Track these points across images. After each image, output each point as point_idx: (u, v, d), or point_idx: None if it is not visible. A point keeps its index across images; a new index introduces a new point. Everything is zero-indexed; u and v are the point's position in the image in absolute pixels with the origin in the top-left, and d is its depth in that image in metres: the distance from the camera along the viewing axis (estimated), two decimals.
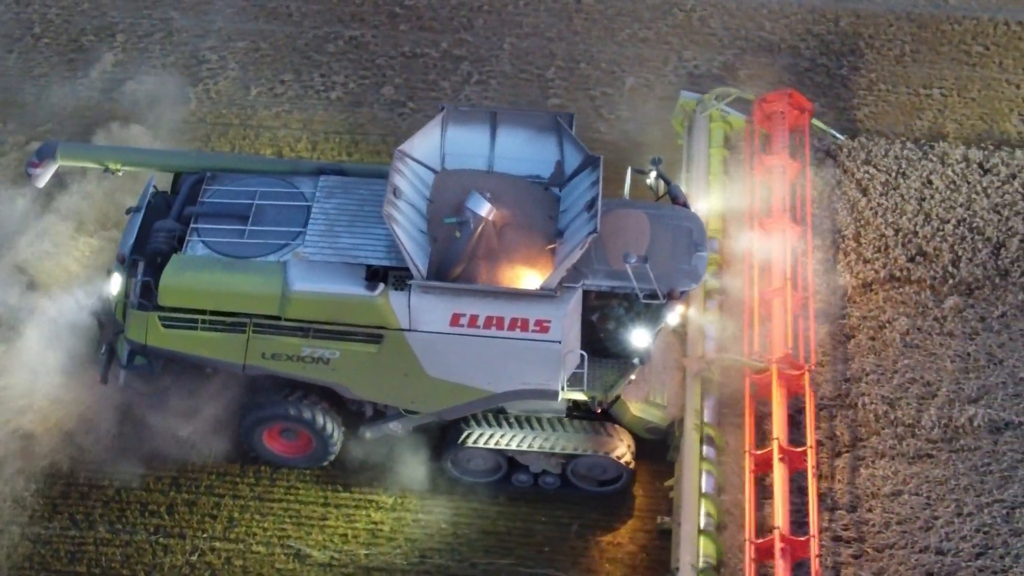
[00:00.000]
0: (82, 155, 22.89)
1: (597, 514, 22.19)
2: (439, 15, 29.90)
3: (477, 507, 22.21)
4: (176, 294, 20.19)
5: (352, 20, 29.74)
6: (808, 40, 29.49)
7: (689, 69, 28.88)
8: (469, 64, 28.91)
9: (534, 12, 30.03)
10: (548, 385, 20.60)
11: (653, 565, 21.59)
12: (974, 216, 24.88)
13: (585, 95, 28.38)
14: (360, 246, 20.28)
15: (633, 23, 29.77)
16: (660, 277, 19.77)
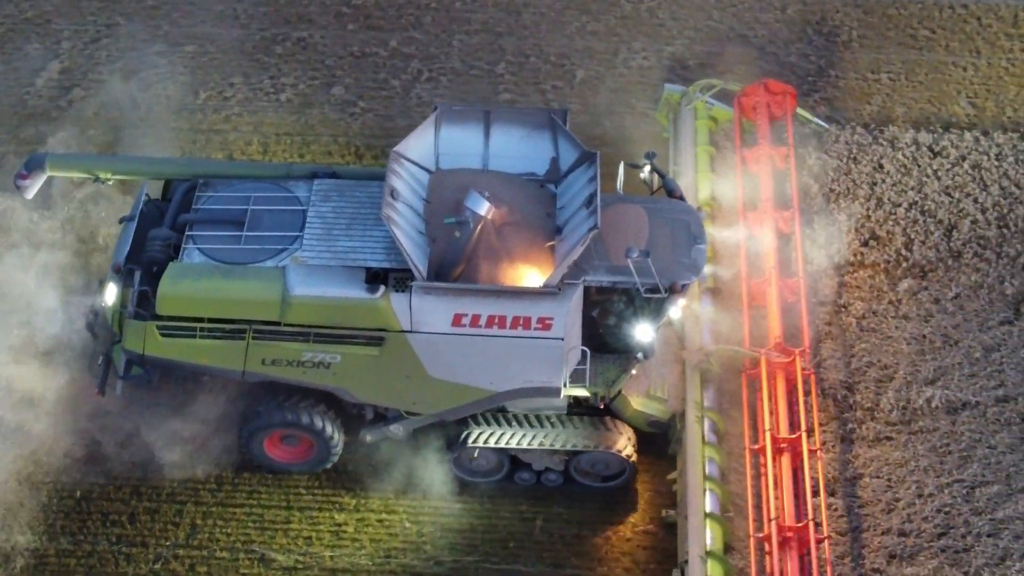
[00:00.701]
0: (71, 165, 22.62)
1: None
2: (387, 14, 29.81)
3: (439, 505, 22.19)
4: (174, 302, 19.98)
5: (300, 21, 29.61)
6: (756, 28, 29.57)
7: (639, 60, 28.90)
8: (419, 62, 28.83)
9: (482, 8, 29.98)
10: (551, 382, 20.54)
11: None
12: (925, 199, 25.04)
13: (536, 89, 28.36)
14: (358, 249, 20.11)
15: (581, 16, 29.77)
16: (661, 271, 19.64)
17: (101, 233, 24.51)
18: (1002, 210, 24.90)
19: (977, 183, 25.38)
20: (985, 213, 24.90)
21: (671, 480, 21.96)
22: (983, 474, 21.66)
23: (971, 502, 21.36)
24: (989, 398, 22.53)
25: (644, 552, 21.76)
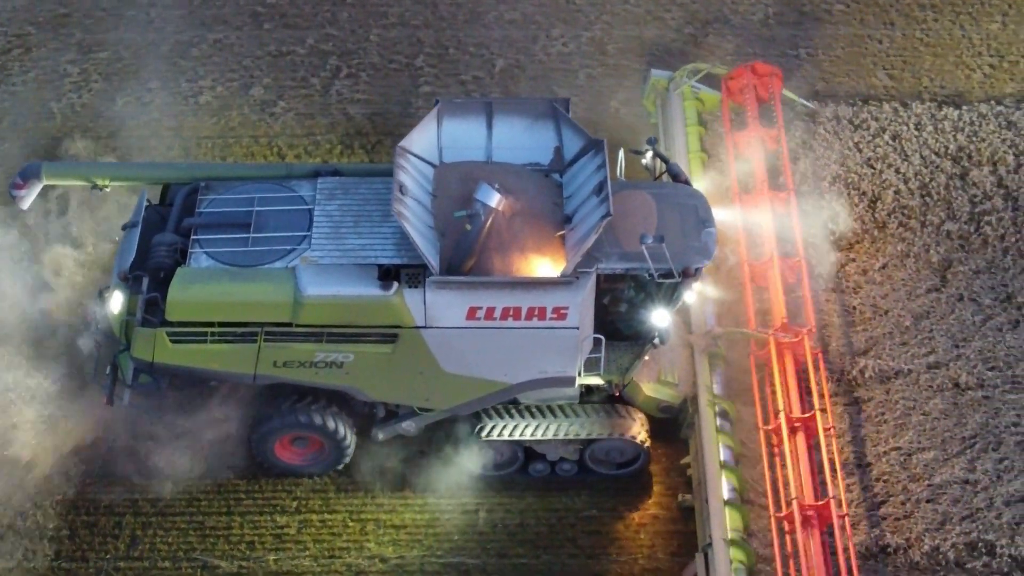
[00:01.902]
0: (68, 173, 22.15)
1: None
2: (303, 11, 29.59)
3: (383, 502, 22.10)
4: (184, 308, 19.72)
5: (214, 23, 29.33)
6: (673, 11, 29.65)
7: (558, 47, 28.89)
8: (337, 58, 28.65)
9: (398, 2, 29.83)
10: (565, 372, 20.51)
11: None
12: (849, 172, 25.24)
13: (456, 81, 28.28)
14: (368, 246, 19.91)
15: (499, 5, 29.72)
16: (673, 255, 19.52)
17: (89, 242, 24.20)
18: (924, 179, 25.13)
19: (898, 154, 25.61)
20: (907, 183, 25.14)
21: (685, 464, 22.06)
22: (919, 440, 21.88)
23: (908, 469, 21.58)
24: (920, 365, 22.76)
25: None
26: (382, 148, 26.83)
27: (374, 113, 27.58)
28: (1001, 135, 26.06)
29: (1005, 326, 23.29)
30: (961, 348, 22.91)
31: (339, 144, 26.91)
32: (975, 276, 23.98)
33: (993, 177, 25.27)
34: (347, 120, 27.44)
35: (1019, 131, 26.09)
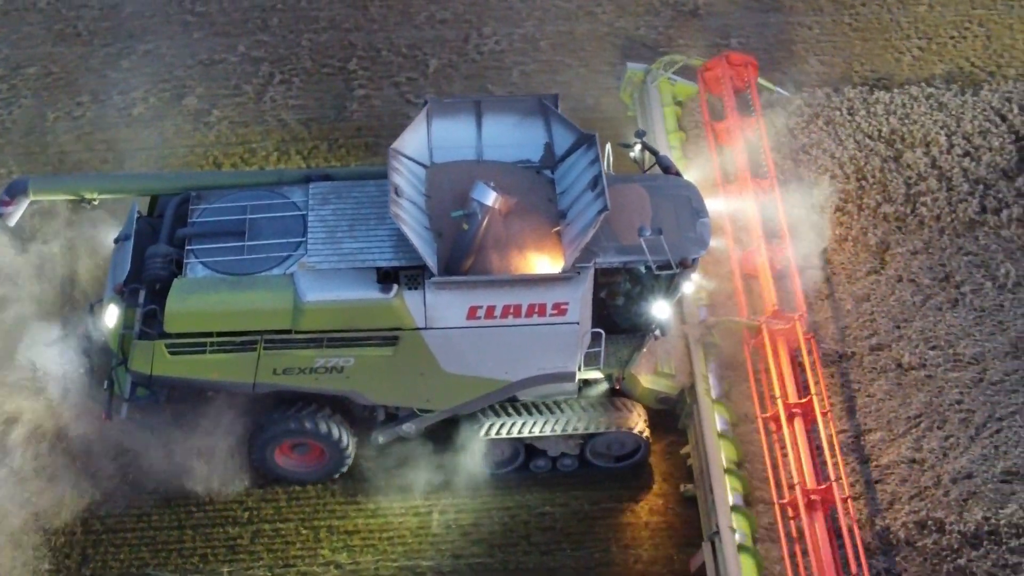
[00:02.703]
0: (56, 188, 21.83)
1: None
2: (233, 19, 29.44)
3: (335, 508, 22.02)
4: (183, 319, 19.56)
5: (144, 33, 29.10)
6: (604, 5, 29.77)
7: (491, 45, 28.93)
8: (269, 65, 28.53)
9: (328, 5, 29.76)
10: (566, 367, 20.60)
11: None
12: (784, 159, 25.38)
13: (390, 83, 28.25)
14: (365, 249, 19.82)
15: (430, 5, 29.70)
16: (670, 247, 19.60)
17: None
18: (859, 163, 25.32)
19: (833, 139, 25.79)
20: (843, 168, 25.30)
21: (685, 454, 22.17)
22: (865, 422, 22.06)
23: (857, 451, 21.74)
24: (864, 348, 22.93)
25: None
26: (318, 153, 26.77)
27: (309, 118, 27.49)
28: (932, 116, 26.30)
29: (944, 305, 23.51)
30: (902, 329, 23.10)
31: (275, 151, 26.80)
32: (913, 257, 24.19)
33: (927, 158, 25.50)
34: (282, 127, 27.33)
35: (950, 112, 26.35)
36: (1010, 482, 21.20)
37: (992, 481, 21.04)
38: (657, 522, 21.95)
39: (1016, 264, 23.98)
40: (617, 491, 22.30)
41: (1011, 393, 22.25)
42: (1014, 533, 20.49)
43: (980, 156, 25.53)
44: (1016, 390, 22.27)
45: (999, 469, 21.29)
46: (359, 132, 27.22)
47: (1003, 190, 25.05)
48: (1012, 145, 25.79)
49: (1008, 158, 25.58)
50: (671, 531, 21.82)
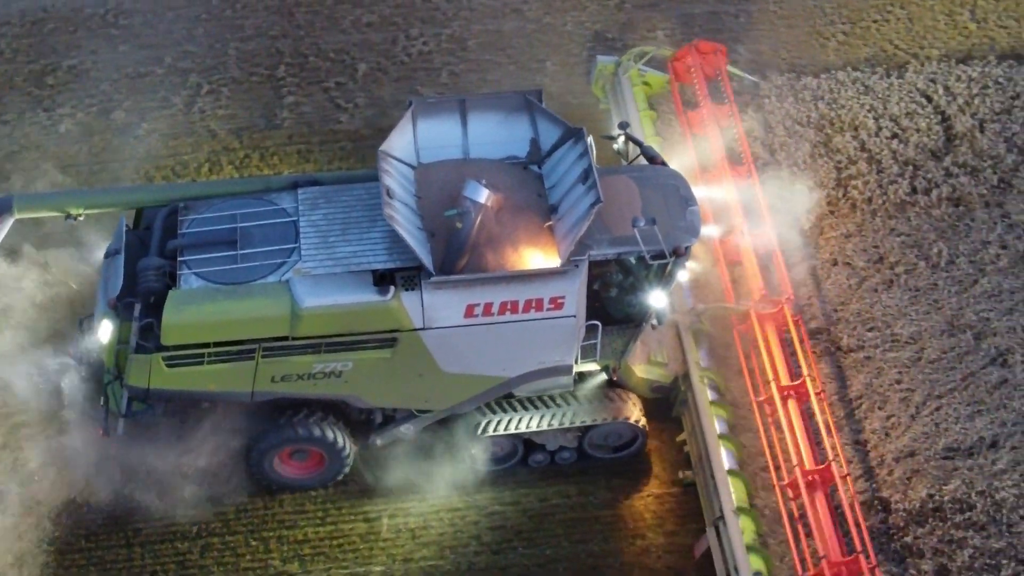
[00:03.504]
0: (40, 205, 21.55)
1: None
2: (157, 30, 29.22)
3: (284, 518, 21.96)
4: (181, 331, 19.38)
5: (68, 48, 28.83)
6: (530, 2, 29.83)
7: (419, 47, 28.90)
8: (197, 75, 28.34)
9: (254, 13, 29.60)
10: (563, 361, 20.66)
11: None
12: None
13: (319, 88, 28.15)
14: (360, 253, 19.72)
15: (355, 9, 29.63)
16: (662, 236, 19.68)
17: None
18: (790, 149, 25.52)
19: (763, 125, 25.98)
20: (774, 154, 25.50)
21: (681, 442, 22.34)
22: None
23: None
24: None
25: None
26: (250, 163, 26.64)
27: (240, 128, 27.35)
28: (860, 100, 26.57)
29: (880, 287, 23.76)
30: (840, 312, 23.32)
31: (206, 162, 26.64)
32: (846, 240, 24.42)
33: (855, 142, 25.75)
34: (212, 137, 27.17)
35: (877, 95, 26.63)
36: (952, 458, 21.48)
37: (935, 458, 21.31)
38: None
39: (948, 243, 24.28)
40: (579, 486, 22.50)
41: (949, 370, 22.53)
42: (958, 508, 20.76)
43: (908, 138, 25.82)
44: (953, 367, 22.55)
45: (940, 446, 21.57)
46: (290, 140, 27.13)
47: (932, 170, 25.35)
48: (939, 125, 26.11)
49: (935, 138, 25.89)
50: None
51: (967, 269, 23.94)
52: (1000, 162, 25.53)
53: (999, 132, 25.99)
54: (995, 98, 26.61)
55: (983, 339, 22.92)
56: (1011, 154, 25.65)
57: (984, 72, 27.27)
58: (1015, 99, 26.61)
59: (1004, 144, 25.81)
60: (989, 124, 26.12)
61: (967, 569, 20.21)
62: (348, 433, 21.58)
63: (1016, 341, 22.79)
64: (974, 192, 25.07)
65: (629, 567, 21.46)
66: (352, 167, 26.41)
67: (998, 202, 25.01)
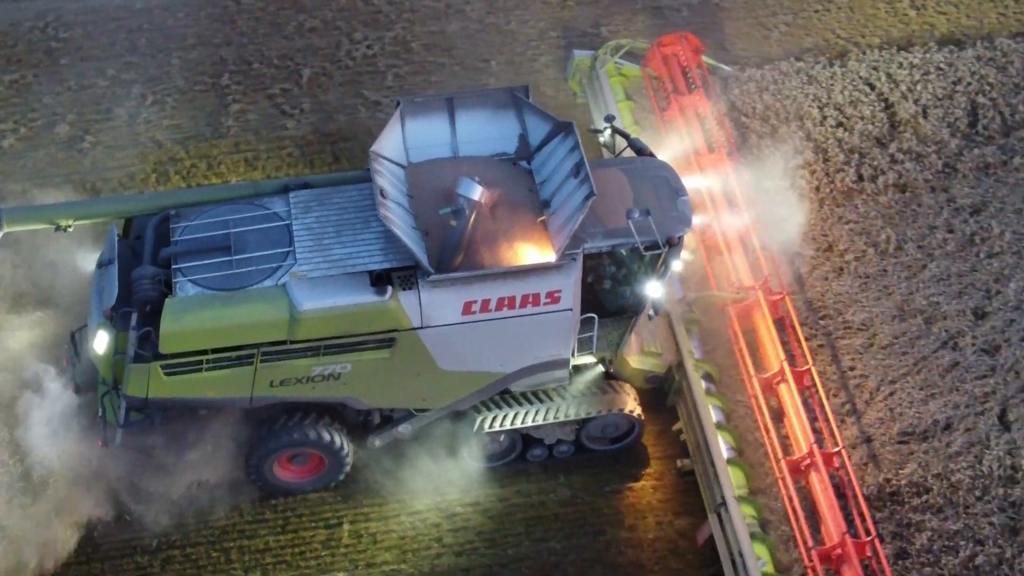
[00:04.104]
0: (29, 218, 21.24)
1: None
2: (99, 42, 29.00)
3: (244, 528, 21.85)
4: (179, 339, 19.27)
5: (8, 63, 28.56)
6: (473, 2, 29.84)
7: (363, 50, 28.84)
8: (141, 86, 28.15)
9: (195, 22, 29.45)
10: (560, 355, 20.71)
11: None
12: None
13: (264, 95, 28.03)
14: (355, 254, 19.67)
15: (298, 14, 29.51)
16: (655, 227, 19.74)
17: None
18: (736, 141, 25.63)
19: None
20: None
21: (677, 431, 22.46)
22: None
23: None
24: None
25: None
26: (197, 172, 26.49)
27: (186, 137, 27.19)
28: (804, 90, 26.76)
29: (830, 275, 23.95)
30: (792, 300, 23.45)
31: (153, 173, 26.46)
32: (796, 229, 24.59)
33: (801, 132, 25.94)
34: (158, 148, 26.99)
35: (820, 84, 26.82)
36: (907, 443, 21.70)
37: (890, 443, 21.53)
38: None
39: (896, 229, 24.50)
40: (538, 484, 22.54)
41: (901, 356, 22.75)
42: (915, 492, 20.98)
43: (853, 126, 26.04)
44: (906, 352, 22.77)
45: (895, 431, 21.78)
46: (237, 147, 27.00)
47: (877, 157, 25.57)
48: (882, 113, 26.35)
49: (880, 126, 26.12)
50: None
51: (915, 254, 24.17)
52: (944, 147, 25.79)
53: (942, 117, 26.27)
54: (937, 84, 26.87)
55: (934, 323, 23.15)
56: (955, 139, 25.95)
57: (925, 58, 27.54)
58: (956, 84, 26.89)
59: (947, 129, 26.10)
60: (932, 110, 26.39)
61: (926, 552, 20.43)
62: (346, 434, 21.58)
63: (966, 324, 23.05)
64: (919, 178, 25.32)
65: (590, 563, 21.51)
66: (300, 173, 26.32)
67: (943, 187, 25.26)
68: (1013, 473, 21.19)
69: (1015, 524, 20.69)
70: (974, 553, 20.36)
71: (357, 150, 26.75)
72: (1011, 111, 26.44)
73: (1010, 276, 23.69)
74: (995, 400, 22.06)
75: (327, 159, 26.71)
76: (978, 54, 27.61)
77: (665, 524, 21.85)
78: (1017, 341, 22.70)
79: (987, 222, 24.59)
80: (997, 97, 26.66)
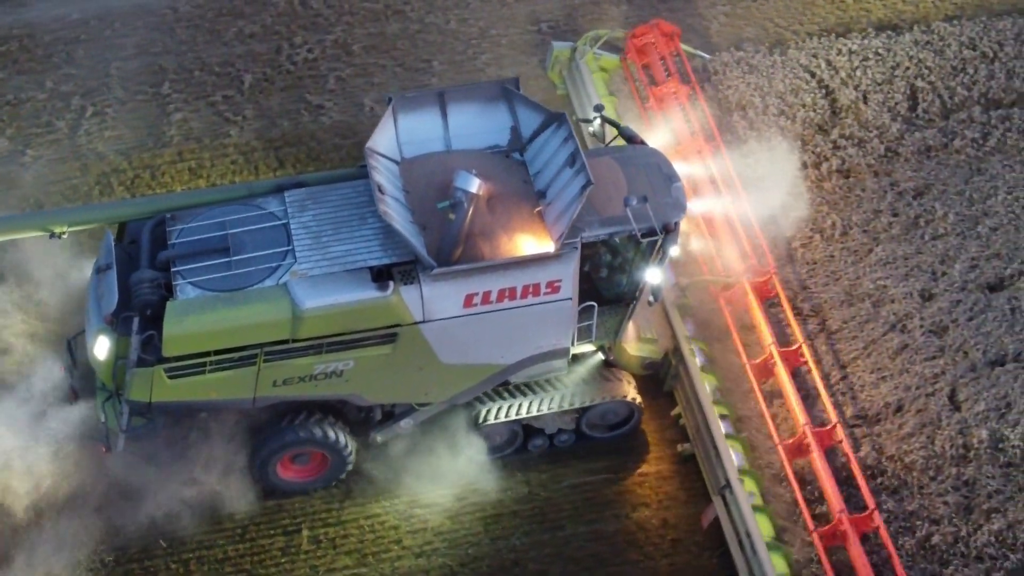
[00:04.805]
0: (21, 225, 21.03)
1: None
2: (35, 55, 28.77)
3: (202, 538, 21.71)
4: (182, 341, 19.18)
5: None
6: (412, 3, 29.83)
7: (303, 54, 28.75)
8: (80, 98, 27.94)
9: (133, 31, 29.25)
10: (560, 344, 20.80)
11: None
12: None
13: (206, 103, 27.88)
14: (354, 251, 19.64)
15: (237, 20, 29.39)
16: (652, 214, 19.85)
17: None
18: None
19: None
20: None
21: (676, 415, 22.62)
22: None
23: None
24: None
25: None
26: (141, 182, 26.32)
27: (128, 148, 27.00)
28: (745, 79, 26.92)
29: (777, 262, 24.02)
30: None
31: (96, 185, 26.25)
32: None
33: (744, 121, 26.08)
34: (101, 159, 26.79)
35: (761, 73, 26.99)
36: (860, 425, 21.86)
37: (844, 427, 21.62)
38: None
39: (841, 214, 24.69)
40: (496, 482, 22.42)
41: (851, 340, 22.93)
42: (870, 475, 21.14)
43: (795, 113, 26.22)
44: (855, 336, 22.96)
45: (849, 415, 21.95)
46: (181, 156, 26.84)
47: (820, 143, 25.76)
48: (823, 99, 26.54)
49: (821, 112, 26.32)
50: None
51: (861, 239, 24.37)
52: (885, 131, 26.02)
53: (882, 102, 26.51)
54: (876, 69, 27.11)
55: (882, 306, 23.34)
56: (895, 123, 26.18)
57: (863, 44, 27.78)
58: (895, 69, 27.13)
59: (888, 114, 26.33)
60: (872, 95, 26.62)
61: None
62: (348, 432, 21.59)
63: (913, 306, 23.24)
64: (862, 163, 25.53)
65: (550, 559, 21.53)
66: (245, 179, 26.21)
67: (886, 171, 25.48)
68: (965, 452, 21.40)
69: (969, 503, 20.90)
70: (930, 533, 20.55)
71: (302, 155, 26.72)
72: (950, 94, 26.71)
73: (955, 257, 23.91)
74: (944, 381, 22.26)
75: (272, 165, 26.61)
76: (915, 38, 27.88)
77: (623, 517, 21.92)
78: (964, 321, 22.92)
79: (930, 204, 24.82)
80: (936, 80, 26.91)
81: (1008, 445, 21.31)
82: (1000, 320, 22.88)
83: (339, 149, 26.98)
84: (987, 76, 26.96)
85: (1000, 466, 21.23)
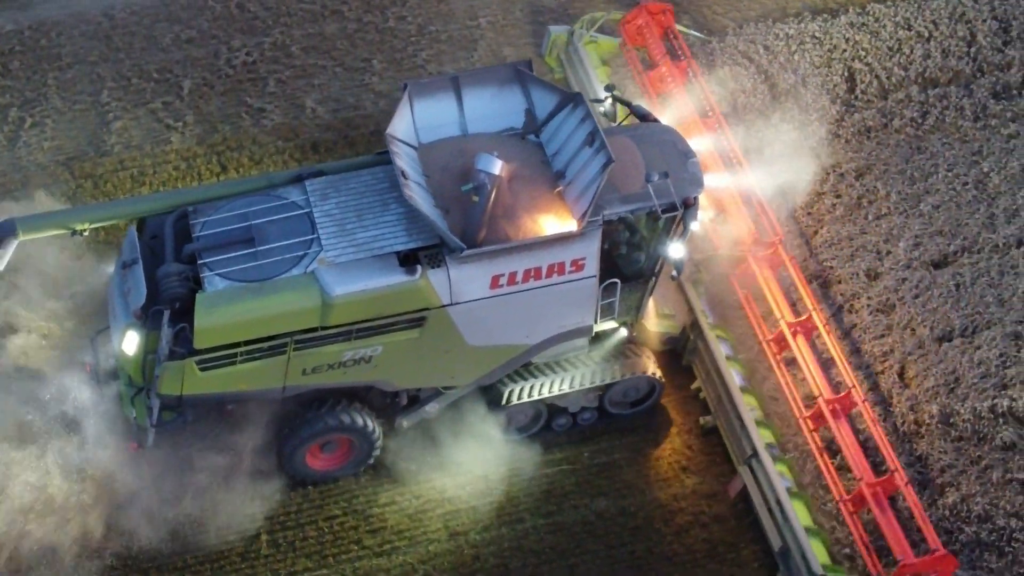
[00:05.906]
0: (45, 225, 20.79)
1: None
2: None
3: (161, 548, 21.58)
4: (214, 333, 19.23)
5: None
6: (350, 2, 29.74)
7: (242, 57, 28.62)
8: (17, 109, 27.64)
9: (69, 40, 28.98)
10: (584, 322, 21.03)
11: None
12: None
13: (146, 110, 27.69)
14: (380, 236, 19.71)
15: (174, 26, 29.20)
16: (668, 190, 20.03)
17: None
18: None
19: None
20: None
21: (696, 389, 22.91)
22: None
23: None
24: None
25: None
26: (83, 192, 26.12)
27: (69, 158, 26.77)
28: None
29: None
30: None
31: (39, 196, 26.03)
32: None
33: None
34: (42, 171, 26.51)
35: (700, 61, 27.00)
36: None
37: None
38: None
39: (784, 198, 24.79)
40: (453, 478, 22.47)
41: None
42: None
43: (735, 100, 26.30)
44: None
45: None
46: (122, 164, 26.65)
47: (761, 129, 25.85)
48: (763, 85, 26.66)
49: (761, 98, 26.43)
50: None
51: (806, 221, 24.55)
52: (825, 114, 26.17)
53: (821, 85, 26.66)
54: (814, 52, 27.26)
55: (829, 287, 23.53)
56: (835, 105, 26.35)
57: (800, 28, 27.90)
58: (832, 52, 27.30)
59: (827, 96, 26.49)
60: (811, 78, 26.77)
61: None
62: (375, 418, 21.67)
63: (860, 286, 23.43)
64: (804, 146, 25.64)
65: (510, 552, 21.63)
66: (187, 185, 26.09)
67: (827, 153, 25.62)
68: (917, 428, 21.62)
69: (923, 478, 21.13)
70: None
71: (244, 159, 26.62)
72: (887, 74, 26.92)
73: (899, 236, 24.11)
74: (894, 358, 22.48)
75: (215, 170, 26.50)
76: (851, 20, 28.02)
77: (582, 507, 22.05)
78: (910, 299, 23.13)
79: (872, 184, 25.02)
80: (873, 62, 27.11)
81: (959, 420, 21.53)
82: (945, 296, 23.11)
83: (281, 152, 26.92)
84: (923, 56, 27.18)
85: (951, 440, 21.46)
